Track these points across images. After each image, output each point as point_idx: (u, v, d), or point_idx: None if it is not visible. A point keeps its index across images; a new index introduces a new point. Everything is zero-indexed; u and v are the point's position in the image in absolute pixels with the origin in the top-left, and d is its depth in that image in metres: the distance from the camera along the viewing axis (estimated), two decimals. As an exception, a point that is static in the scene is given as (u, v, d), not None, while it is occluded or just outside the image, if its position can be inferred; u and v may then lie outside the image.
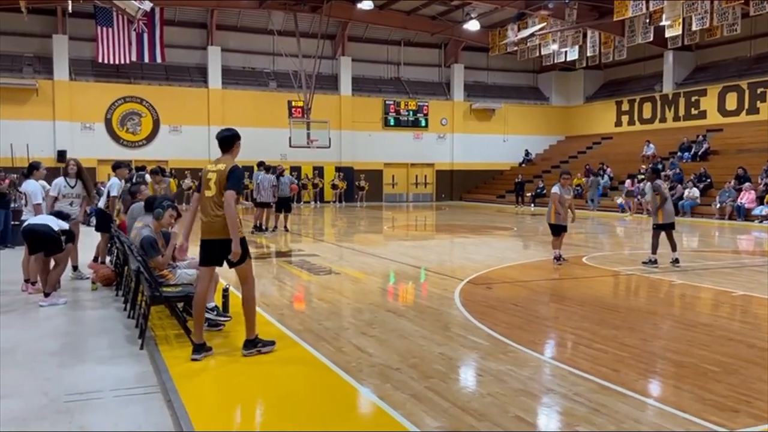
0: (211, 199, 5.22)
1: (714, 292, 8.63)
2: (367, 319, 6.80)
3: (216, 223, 5.20)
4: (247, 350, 5.33)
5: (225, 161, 5.35)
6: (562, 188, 10.91)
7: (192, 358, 5.20)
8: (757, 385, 4.63)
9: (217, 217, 5.19)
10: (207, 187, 5.28)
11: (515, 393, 4.45)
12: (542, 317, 7.09)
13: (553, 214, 10.89)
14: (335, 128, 30.23)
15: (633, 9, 22.48)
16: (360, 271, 10.35)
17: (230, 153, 5.49)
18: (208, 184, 5.27)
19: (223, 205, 5.13)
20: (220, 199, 5.15)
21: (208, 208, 5.25)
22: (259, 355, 5.33)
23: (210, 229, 5.25)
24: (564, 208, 10.85)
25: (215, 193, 5.20)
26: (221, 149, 5.51)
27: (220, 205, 5.15)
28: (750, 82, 27.08)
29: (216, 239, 5.23)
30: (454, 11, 30.63)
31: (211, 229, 5.24)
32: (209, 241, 5.28)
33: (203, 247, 5.35)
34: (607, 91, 35.39)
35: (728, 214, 20.70)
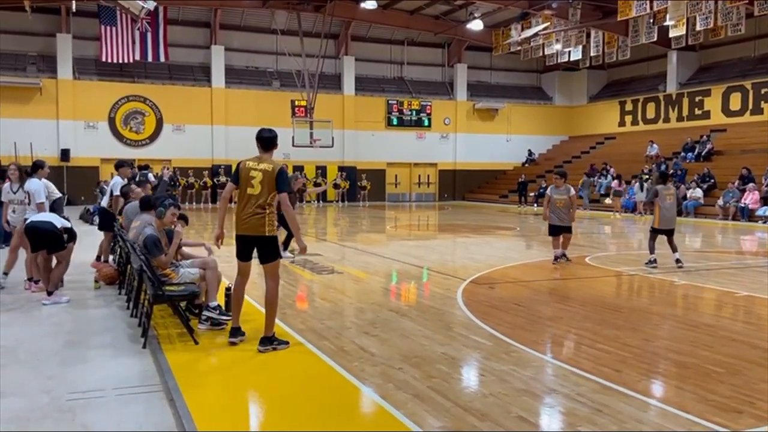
0: (256, 197, 5.36)
1: (717, 292, 8.61)
2: (370, 318, 6.80)
3: (255, 221, 5.35)
4: (263, 347, 5.42)
5: (268, 161, 5.49)
6: (555, 189, 10.93)
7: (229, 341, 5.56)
8: (761, 386, 4.61)
9: (257, 215, 5.35)
10: (250, 185, 5.39)
11: (517, 393, 4.44)
12: (545, 317, 7.08)
13: (545, 214, 11.11)
14: (338, 128, 30.25)
15: (637, 9, 22.42)
16: (362, 270, 10.35)
17: (271, 152, 5.63)
18: (251, 182, 5.38)
19: (266, 205, 5.34)
20: (266, 200, 5.34)
21: (249, 205, 5.38)
22: (273, 352, 5.39)
23: (248, 225, 5.39)
24: (557, 208, 10.81)
25: (260, 192, 5.35)
26: (263, 149, 5.59)
27: (263, 206, 5.34)
28: (754, 83, 27.01)
29: (252, 236, 5.40)
30: (458, 11, 30.61)
31: (249, 226, 5.39)
32: (244, 237, 5.46)
33: (238, 241, 5.52)
34: (611, 91, 35.33)
35: (732, 214, 20.65)
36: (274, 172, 5.37)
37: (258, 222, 5.35)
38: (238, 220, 5.48)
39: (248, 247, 5.51)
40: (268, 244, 5.44)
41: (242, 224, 5.43)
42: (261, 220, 5.35)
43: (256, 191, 5.36)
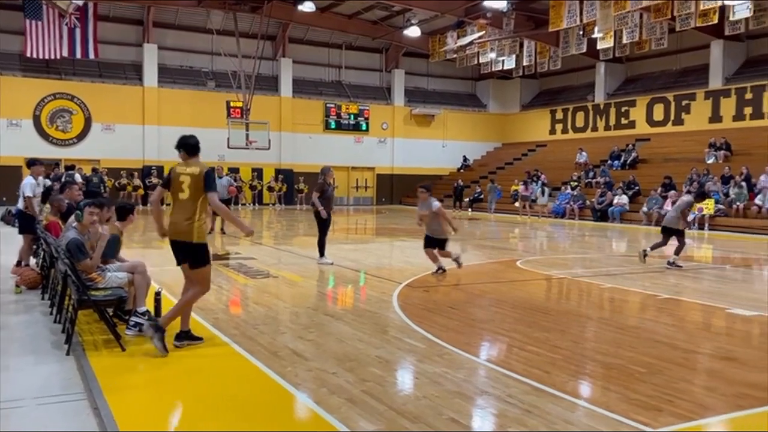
0: (184, 202, 5.41)
1: (641, 295, 8.96)
2: (305, 323, 6.75)
3: (183, 226, 5.39)
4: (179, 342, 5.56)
5: (196, 164, 5.50)
6: (421, 203, 10.39)
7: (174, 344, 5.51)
8: (680, 385, 4.82)
9: (186, 220, 5.38)
10: (180, 189, 5.44)
11: (450, 395, 4.50)
12: (477, 320, 7.21)
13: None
14: (275, 130, 29.95)
15: (567, 21, 23.19)
16: (298, 274, 10.27)
17: (196, 156, 5.60)
18: (181, 186, 5.43)
19: (194, 209, 5.36)
20: (194, 203, 5.37)
21: (179, 210, 5.44)
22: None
23: (177, 230, 5.44)
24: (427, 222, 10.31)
25: (188, 197, 5.39)
26: (188, 154, 5.57)
27: (193, 211, 5.37)
28: (676, 95, 28.34)
29: (181, 241, 5.43)
30: (395, 17, 30.87)
31: (178, 230, 5.43)
32: (175, 242, 5.49)
33: (172, 246, 5.55)
34: (543, 99, 36.36)
35: (655, 220, 21.52)
36: (201, 175, 5.39)
37: (188, 228, 5.38)
38: (170, 225, 5.47)
39: (179, 252, 5.53)
40: (197, 251, 5.44)
41: (173, 229, 5.48)
42: (190, 227, 5.38)
43: (186, 195, 5.41)
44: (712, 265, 13.18)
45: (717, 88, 26.70)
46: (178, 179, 5.46)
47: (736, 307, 7.89)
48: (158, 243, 15.07)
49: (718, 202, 20.48)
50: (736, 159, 23.20)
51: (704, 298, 8.72)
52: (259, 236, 17.79)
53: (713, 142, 24.42)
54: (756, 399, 4.53)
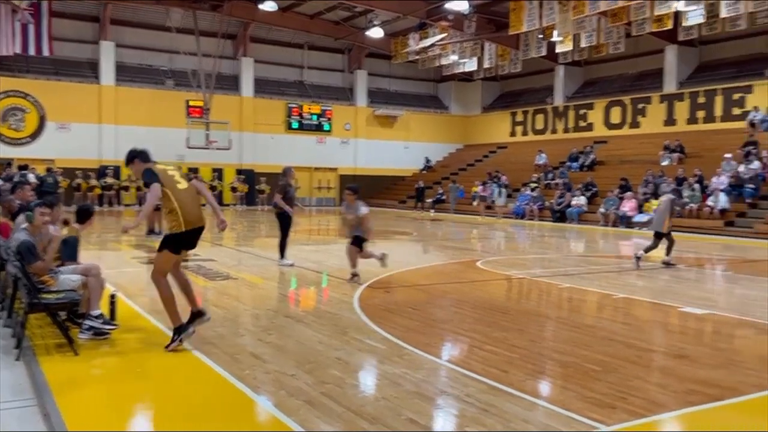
0: (188, 191, 5.77)
1: (598, 295, 9.13)
2: (264, 325, 6.69)
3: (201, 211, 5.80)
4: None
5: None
6: (347, 205, 9.86)
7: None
8: (633, 383, 4.93)
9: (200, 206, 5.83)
10: (177, 182, 5.75)
11: (409, 395, 4.51)
12: (437, 320, 7.25)
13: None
14: (236, 130, 29.66)
15: (527, 24, 23.51)
16: (259, 276, 10.18)
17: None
18: (175, 179, 5.77)
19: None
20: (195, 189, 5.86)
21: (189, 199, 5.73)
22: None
23: (200, 216, 5.75)
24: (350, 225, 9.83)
25: (188, 186, 5.79)
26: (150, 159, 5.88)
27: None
28: (632, 98, 28.98)
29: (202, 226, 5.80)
30: (358, 17, 30.86)
31: (201, 216, 5.76)
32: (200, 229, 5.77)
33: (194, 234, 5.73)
34: (503, 102, 36.79)
35: (612, 221, 22.00)
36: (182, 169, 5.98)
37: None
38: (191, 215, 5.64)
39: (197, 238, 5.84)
40: None
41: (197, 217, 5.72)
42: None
43: (185, 186, 5.78)
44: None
45: (671, 92, 27.40)
46: (167, 174, 5.72)
47: (688, 306, 8.10)
48: (114, 245, 14.78)
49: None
50: (689, 161, 23.83)
51: (658, 297, 8.93)
52: (219, 237, 17.58)
53: (668, 145, 25.03)
54: (705, 395, 4.66)
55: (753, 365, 5.51)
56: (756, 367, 5.46)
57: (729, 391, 4.77)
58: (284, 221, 11.16)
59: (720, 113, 25.60)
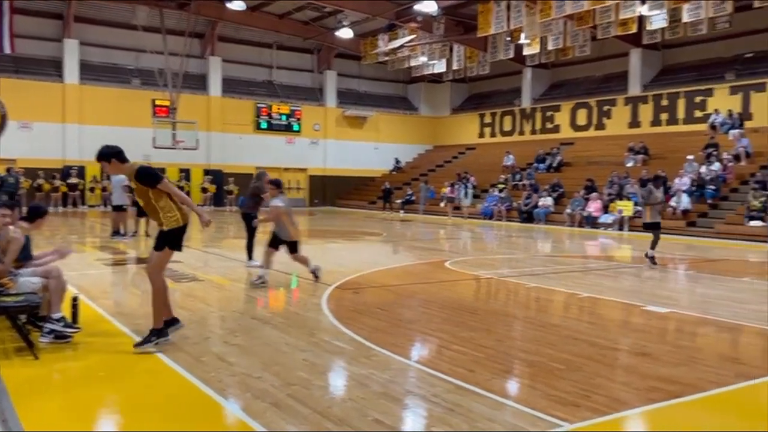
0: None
1: (563, 294, 9.25)
2: (231, 327, 6.64)
3: None
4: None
5: None
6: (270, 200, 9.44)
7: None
8: (597, 381, 5.01)
9: None
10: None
11: (376, 396, 4.52)
12: (405, 320, 7.27)
13: None
14: (204, 129, 29.35)
15: (495, 27, 23.74)
16: (226, 277, 10.09)
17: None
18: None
19: None
20: None
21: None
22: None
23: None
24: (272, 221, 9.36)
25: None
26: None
27: None
28: (598, 100, 29.45)
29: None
30: (327, 18, 30.80)
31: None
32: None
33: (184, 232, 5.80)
34: (472, 103, 37.06)
35: (578, 221, 22.32)
36: None
37: None
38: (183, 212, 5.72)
39: None
40: None
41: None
42: None
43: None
44: (630, 264, 13.75)
45: (636, 95, 27.91)
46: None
47: (651, 305, 8.25)
48: (77, 246, 14.49)
49: (636, 204, 21.37)
50: (653, 162, 24.29)
51: (622, 296, 9.09)
52: (185, 238, 17.37)
53: (632, 146, 25.49)
54: (666, 392, 4.75)
55: (712, 362, 5.64)
56: (715, 364, 5.59)
57: (689, 387, 4.87)
58: (250, 222, 11.09)
59: (682, 116, 26.16)
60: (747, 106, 24.02)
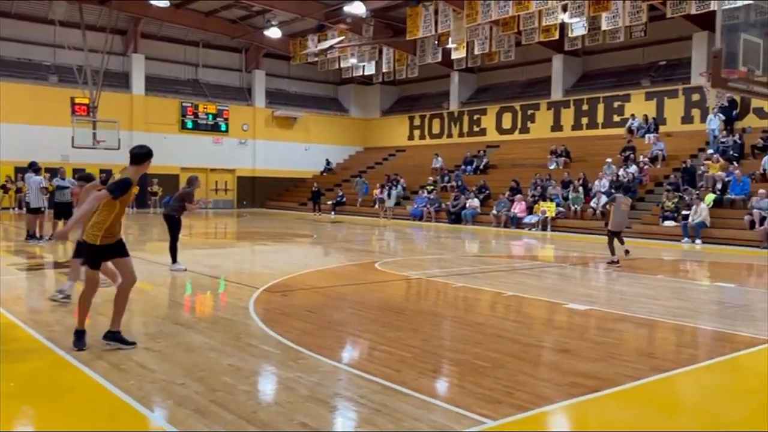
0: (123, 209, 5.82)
1: (489, 293, 9.45)
2: (152, 333, 6.44)
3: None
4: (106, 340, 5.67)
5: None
6: None
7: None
8: (520, 377, 5.13)
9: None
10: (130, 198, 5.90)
11: (302, 399, 4.48)
12: (334, 322, 7.24)
13: None
14: (126, 129, 28.34)
15: (423, 30, 24.02)
16: (148, 282, 9.76)
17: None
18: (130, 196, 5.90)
19: None
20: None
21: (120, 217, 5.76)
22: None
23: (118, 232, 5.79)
24: None
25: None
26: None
27: None
28: (522, 104, 30.29)
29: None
30: (255, 17, 30.39)
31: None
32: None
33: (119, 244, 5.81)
34: (402, 106, 37.40)
35: (503, 222, 22.87)
36: None
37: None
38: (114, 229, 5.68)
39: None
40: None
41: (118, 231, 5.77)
42: None
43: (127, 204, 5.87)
44: (553, 263, 14.18)
45: (558, 99, 28.86)
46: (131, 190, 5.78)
47: (573, 303, 8.53)
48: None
49: (558, 205, 22.11)
50: (574, 165, 25.18)
51: (545, 294, 9.37)
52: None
53: (554, 149, 26.33)
54: (585, 387, 4.92)
55: (629, 357, 5.88)
56: (632, 359, 5.83)
57: (607, 382, 5.06)
58: (174, 224, 10.80)
59: (602, 120, 27.24)
60: (661, 111, 25.25)
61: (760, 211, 17.08)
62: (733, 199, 18.81)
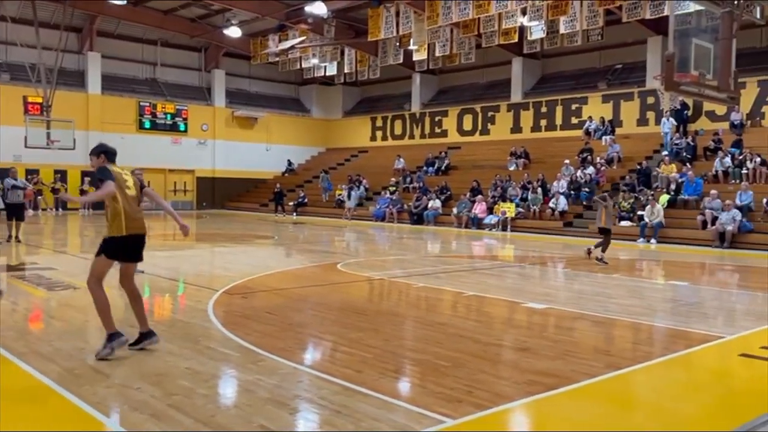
0: (133, 198, 5.80)
1: (450, 293, 9.52)
2: (109, 336, 6.29)
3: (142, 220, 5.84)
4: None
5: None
6: None
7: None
8: (479, 376, 5.18)
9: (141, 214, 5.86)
10: (127, 187, 5.80)
11: (262, 402, 4.44)
12: (295, 324, 7.20)
13: None
14: (82, 128, 27.71)
15: (384, 32, 24.08)
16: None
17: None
18: (127, 184, 5.82)
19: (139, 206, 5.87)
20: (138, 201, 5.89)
21: (133, 206, 5.75)
22: None
23: (141, 224, 5.79)
24: None
25: (135, 194, 5.85)
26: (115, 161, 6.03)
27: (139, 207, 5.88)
28: (483, 106, 30.60)
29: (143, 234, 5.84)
30: (215, 16, 30.03)
31: (141, 225, 5.79)
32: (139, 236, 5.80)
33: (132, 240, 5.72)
34: (364, 107, 37.41)
35: (464, 223, 23.06)
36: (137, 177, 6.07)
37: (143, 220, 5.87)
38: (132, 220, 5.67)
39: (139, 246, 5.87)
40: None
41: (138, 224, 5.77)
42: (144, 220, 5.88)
43: (133, 192, 5.84)
44: (512, 263, 14.36)
45: (517, 102, 29.24)
46: (121, 176, 5.79)
47: (531, 302, 8.65)
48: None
49: (518, 206, 22.40)
50: (533, 166, 25.54)
51: (505, 294, 9.48)
52: (62, 244, 16.36)
53: (514, 151, 26.67)
54: (543, 385, 4.99)
55: (585, 355, 5.99)
56: (588, 356, 5.94)
57: (564, 380, 5.14)
58: None
59: (560, 122, 27.70)
60: (618, 114, 25.80)
61: (712, 211, 17.58)
62: (686, 200, 19.32)
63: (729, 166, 19.78)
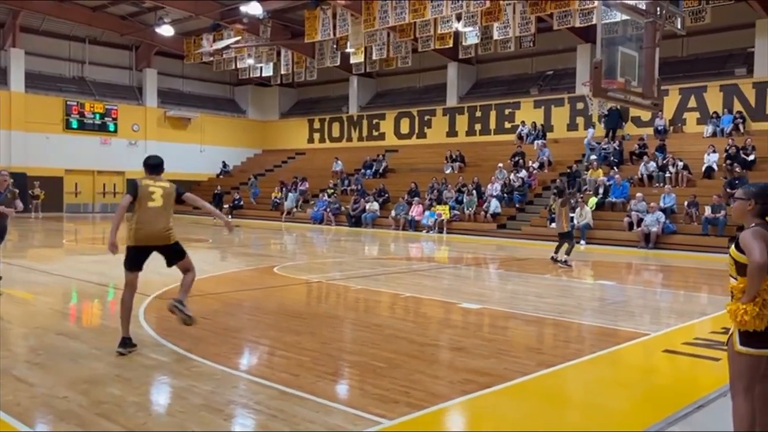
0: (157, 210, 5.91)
1: (387, 295, 9.57)
2: (33, 345, 6.05)
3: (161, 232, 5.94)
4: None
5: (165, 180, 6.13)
6: None
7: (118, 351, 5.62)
8: (415, 377, 5.23)
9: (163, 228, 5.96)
10: (150, 199, 5.89)
11: (196, 409, 4.36)
12: (230, 329, 7.09)
13: None
14: (4, 128, 26.54)
15: (321, 34, 24.02)
16: (29, 291, 9.17)
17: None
18: (152, 197, 5.90)
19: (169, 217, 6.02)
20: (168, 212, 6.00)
21: (152, 218, 5.88)
22: None
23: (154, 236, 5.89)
24: None
25: (162, 205, 5.92)
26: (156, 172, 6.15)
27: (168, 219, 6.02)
28: (419, 110, 30.91)
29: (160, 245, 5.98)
30: (147, 14, 29.22)
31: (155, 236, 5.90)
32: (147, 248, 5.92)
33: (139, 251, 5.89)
34: (301, 108, 37.17)
35: (402, 225, 23.23)
36: (173, 188, 6.09)
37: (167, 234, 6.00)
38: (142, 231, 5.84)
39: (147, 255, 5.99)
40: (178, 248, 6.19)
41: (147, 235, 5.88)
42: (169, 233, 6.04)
43: (159, 204, 5.91)
44: (448, 264, 14.57)
45: (453, 106, 29.67)
46: (147, 190, 5.88)
47: (466, 302, 8.80)
48: None
49: (453, 209, 22.72)
50: (468, 170, 25.97)
51: (440, 294, 9.61)
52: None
53: (450, 155, 27.05)
54: (478, 384, 5.09)
55: (518, 353, 6.14)
56: (520, 355, 6.09)
57: (498, 378, 5.26)
58: None
59: (494, 126, 28.26)
60: (549, 119, 26.52)
61: (637, 213, 18.30)
62: (613, 202, 20.04)
63: (654, 170, 20.63)
